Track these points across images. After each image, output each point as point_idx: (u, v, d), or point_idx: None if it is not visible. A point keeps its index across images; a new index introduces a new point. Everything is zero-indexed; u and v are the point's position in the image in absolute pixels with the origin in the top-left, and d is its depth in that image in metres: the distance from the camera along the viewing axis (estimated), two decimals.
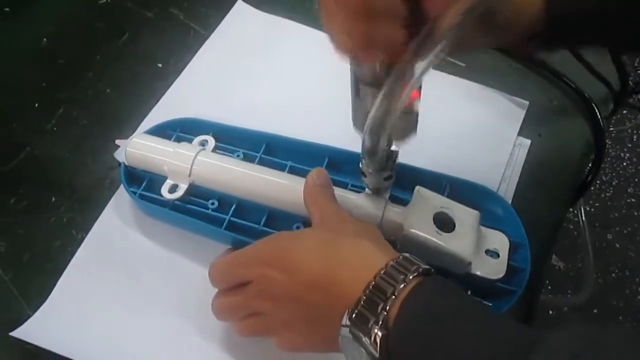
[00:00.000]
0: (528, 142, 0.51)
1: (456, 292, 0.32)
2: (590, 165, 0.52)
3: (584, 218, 0.66)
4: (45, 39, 0.57)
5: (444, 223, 0.41)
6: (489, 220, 0.44)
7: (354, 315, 0.31)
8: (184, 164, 0.45)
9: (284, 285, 0.35)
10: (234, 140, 0.48)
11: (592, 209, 1.38)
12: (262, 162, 0.47)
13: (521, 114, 0.53)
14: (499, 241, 0.43)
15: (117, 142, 0.49)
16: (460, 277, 0.41)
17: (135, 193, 0.45)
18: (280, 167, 0.46)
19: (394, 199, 0.43)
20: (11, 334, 0.40)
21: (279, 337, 0.37)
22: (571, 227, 1.28)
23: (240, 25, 0.59)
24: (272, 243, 0.37)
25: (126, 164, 0.46)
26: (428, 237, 0.40)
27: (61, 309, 0.42)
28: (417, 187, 0.42)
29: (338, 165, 0.47)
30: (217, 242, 0.45)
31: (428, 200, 0.42)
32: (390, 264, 0.32)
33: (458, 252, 0.40)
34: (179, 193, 0.44)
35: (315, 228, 0.39)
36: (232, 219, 0.44)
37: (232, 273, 0.38)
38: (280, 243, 0.37)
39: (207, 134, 0.48)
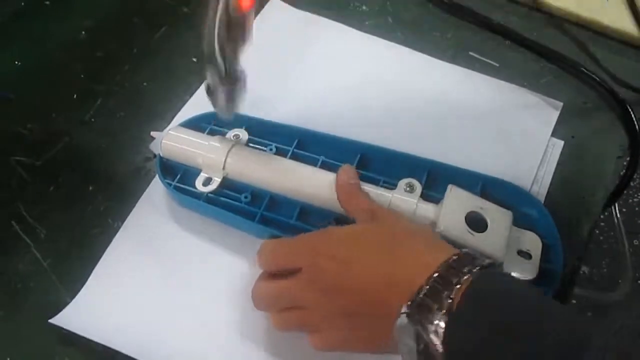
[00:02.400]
0: (561, 143, 0.51)
1: (517, 281, 0.32)
2: (624, 169, 0.52)
3: (622, 223, 0.66)
4: (83, 32, 0.58)
5: (476, 222, 0.41)
6: (521, 220, 0.43)
7: (415, 303, 0.31)
8: (219, 157, 0.45)
9: (336, 276, 0.35)
10: (266, 134, 0.49)
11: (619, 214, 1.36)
12: (294, 157, 0.47)
13: (555, 114, 0.53)
14: (531, 242, 0.42)
15: (153, 134, 0.50)
16: None
17: (170, 185, 0.46)
18: (312, 162, 0.47)
19: (427, 197, 0.43)
20: (50, 321, 0.41)
21: (316, 333, 0.37)
22: (597, 231, 1.26)
23: (274, 22, 0.60)
24: (328, 235, 0.38)
25: (161, 155, 0.47)
26: (460, 236, 0.40)
27: (97, 296, 0.43)
28: (450, 186, 0.43)
29: (370, 161, 0.47)
30: (249, 235, 0.45)
31: (461, 199, 0.42)
32: (453, 258, 0.32)
33: (490, 252, 0.40)
34: (212, 186, 0.45)
35: (370, 223, 0.39)
36: (264, 213, 0.44)
37: (283, 256, 0.38)
38: (336, 236, 0.37)
39: (240, 127, 0.49)
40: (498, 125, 0.52)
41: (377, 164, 0.47)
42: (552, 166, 0.50)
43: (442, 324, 0.30)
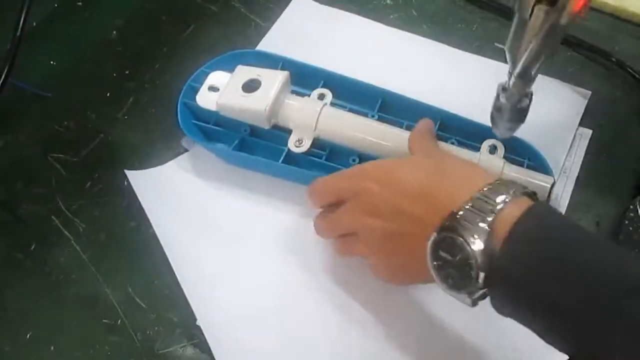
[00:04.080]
0: (589, 132, 0.51)
1: (567, 218, 0.33)
2: None
3: None
4: (115, 32, 0.60)
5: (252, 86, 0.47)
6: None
7: (457, 216, 0.31)
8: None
9: (381, 195, 0.36)
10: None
11: None
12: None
13: (583, 103, 0.52)
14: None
15: None
16: None
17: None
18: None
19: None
20: (126, 171, 0.49)
21: (371, 258, 0.39)
22: (626, 222, 1.24)
23: (300, 18, 0.60)
24: (376, 162, 0.39)
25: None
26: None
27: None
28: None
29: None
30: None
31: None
32: (498, 181, 0.33)
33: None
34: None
35: (420, 156, 0.41)
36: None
37: (330, 186, 0.40)
38: (384, 162, 0.39)
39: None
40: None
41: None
42: (580, 155, 0.50)
43: (484, 238, 0.30)
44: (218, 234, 0.46)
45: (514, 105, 0.39)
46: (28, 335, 0.42)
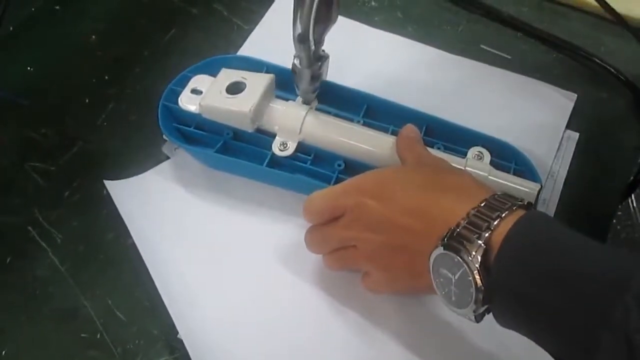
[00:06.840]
0: (576, 135, 0.50)
1: (559, 223, 0.32)
2: None
3: (638, 215, 0.65)
4: (94, 37, 0.58)
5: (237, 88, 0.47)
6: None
7: (454, 234, 0.31)
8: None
9: (378, 211, 0.35)
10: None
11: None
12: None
13: (569, 106, 0.52)
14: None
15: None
16: None
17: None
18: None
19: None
20: (105, 182, 0.47)
21: (366, 275, 0.38)
22: (614, 221, 1.25)
23: (283, 19, 0.59)
24: (370, 174, 0.38)
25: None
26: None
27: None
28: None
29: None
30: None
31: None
32: (494, 196, 0.33)
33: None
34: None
35: (414, 165, 0.40)
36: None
37: (327, 204, 0.39)
38: (378, 174, 0.38)
39: None
40: (511, 119, 0.51)
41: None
42: (567, 159, 0.49)
43: (480, 254, 0.30)
44: (200, 243, 0.45)
45: (308, 68, 0.42)
46: (4, 352, 0.41)
